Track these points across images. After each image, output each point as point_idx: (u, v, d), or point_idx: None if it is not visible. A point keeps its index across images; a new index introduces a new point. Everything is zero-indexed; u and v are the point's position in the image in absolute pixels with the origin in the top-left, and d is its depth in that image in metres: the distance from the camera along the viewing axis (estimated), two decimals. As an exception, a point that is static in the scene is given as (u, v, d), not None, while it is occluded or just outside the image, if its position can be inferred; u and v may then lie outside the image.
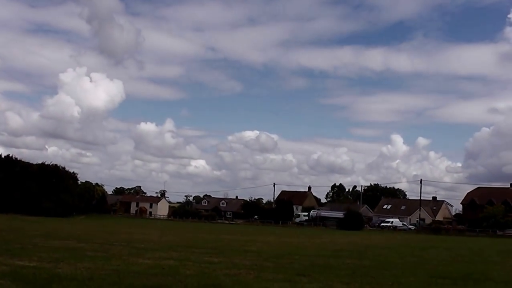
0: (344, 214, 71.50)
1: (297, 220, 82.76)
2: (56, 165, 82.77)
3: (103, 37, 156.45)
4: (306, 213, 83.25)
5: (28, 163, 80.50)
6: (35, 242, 17.78)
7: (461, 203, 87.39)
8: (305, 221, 79.36)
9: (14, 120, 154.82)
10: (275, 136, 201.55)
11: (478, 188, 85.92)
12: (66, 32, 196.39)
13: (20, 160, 79.82)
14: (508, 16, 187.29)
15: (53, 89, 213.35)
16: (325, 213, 79.34)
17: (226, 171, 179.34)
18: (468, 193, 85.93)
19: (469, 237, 57.49)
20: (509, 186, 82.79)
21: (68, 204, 75.70)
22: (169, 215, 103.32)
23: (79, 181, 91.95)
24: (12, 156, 79.71)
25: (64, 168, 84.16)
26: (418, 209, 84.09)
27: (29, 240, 18.67)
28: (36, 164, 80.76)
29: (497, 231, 67.65)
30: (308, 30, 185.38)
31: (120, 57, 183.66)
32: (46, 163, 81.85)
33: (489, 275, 12.83)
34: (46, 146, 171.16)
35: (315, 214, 79.63)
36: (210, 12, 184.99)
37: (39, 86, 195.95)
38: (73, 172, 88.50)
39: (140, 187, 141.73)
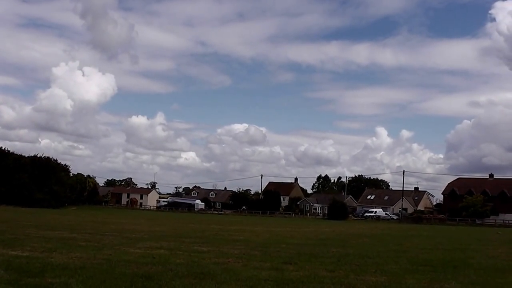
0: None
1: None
2: (48, 157, 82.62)
3: (97, 31, 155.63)
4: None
5: (20, 155, 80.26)
6: (27, 233, 17.79)
7: (442, 193, 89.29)
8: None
9: (7, 113, 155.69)
10: (263, 129, 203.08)
11: (459, 178, 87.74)
12: (58, 27, 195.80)
13: (12, 153, 79.39)
14: (489, 12, 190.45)
15: (46, 83, 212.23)
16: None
17: (216, 163, 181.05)
18: (448, 184, 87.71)
19: (449, 226, 58.92)
20: (488, 177, 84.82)
21: (60, 195, 75.89)
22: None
23: (71, 173, 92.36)
24: (4, 148, 79.44)
25: (56, 160, 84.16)
26: (401, 199, 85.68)
27: (21, 231, 18.65)
28: (28, 157, 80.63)
29: (476, 220, 69.57)
30: (296, 25, 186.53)
31: (113, 52, 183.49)
32: (38, 156, 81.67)
33: (468, 262, 13.28)
34: (39, 139, 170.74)
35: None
36: (200, 7, 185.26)
37: (32, 80, 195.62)
38: (65, 164, 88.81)
39: (131, 178, 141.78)
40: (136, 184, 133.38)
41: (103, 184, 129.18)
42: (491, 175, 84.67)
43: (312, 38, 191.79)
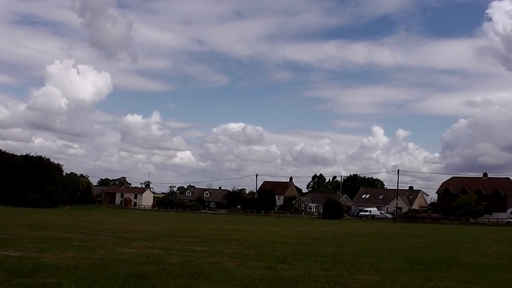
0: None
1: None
2: (40, 156, 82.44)
3: (94, 29, 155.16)
4: None
5: (12, 154, 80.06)
6: (19, 233, 17.68)
7: (436, 192, 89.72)
8: None
9: (0, 111, 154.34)
10: (259, 128, 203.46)
11: (453, 178, 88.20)
12: (54, 24, 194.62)
13: (4, 152, 79.22)
14: (486, 11, 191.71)
15: (40, 81, 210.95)
16: None
17: (211, 162, 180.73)
18: (443, 183, 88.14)
19: (444, 225, 59.28)
20: (482, 176, 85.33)
21: (52, 195, 75.69)
22: (153, 205, 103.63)
23: (64, 172, 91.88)
24: None
25: (48, 159, 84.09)
26: (395, 198, 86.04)
27: (13, 231, 18.54)
28: (21, 156, 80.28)
29: (470, 219, 70.07)
30: (294, 24, 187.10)
31: (111, 50, 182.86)
32: (31, 155, 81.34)
33: (462, 260, 13.37)
34: (33, 138, 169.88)
35: None
36: (198, 6, 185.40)
37: (26, 78, 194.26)
38: (58, 163, 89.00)
39: (125, 178, 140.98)
40: (130, 184, 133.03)
41: (96, 184, 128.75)
42: (485, 174, 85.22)
43: (310, 37, 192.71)
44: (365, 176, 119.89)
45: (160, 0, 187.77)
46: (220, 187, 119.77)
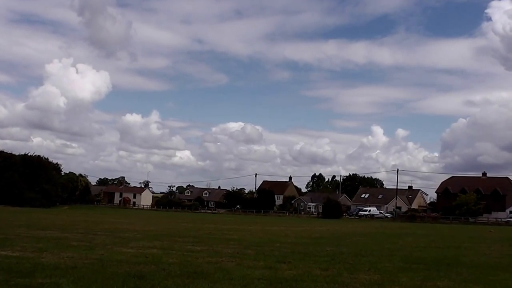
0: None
1: None
2: (39, 156, 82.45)
3: (94, 28, 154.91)
4: None
5: (11, 154, 79.93)
6: (18, 232, 17.64)
7: (435, 192, 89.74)
8: None
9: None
10: (259, 128, 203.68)
11: (452, 177, 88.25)
12: (52, 23, 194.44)
13: (2, 151, 79.13)
14: (485, 11, 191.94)
15: (39, 80, 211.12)
16: None
17: (211, 161, 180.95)
18: (442, 182, 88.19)
19: (443, 224, 59.28)
20: (481, 175, 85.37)
21: (51, 194, 75.67)
22: (152, 205, 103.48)
23: (62, 172, 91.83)
24: None
25: (47, 159, 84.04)
26: (395, 197, 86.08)
27: (12, 230, 18.50)
28: (19, 155, 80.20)
29: (469, 218, 70.13)
30: (294, 23, 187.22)
31: (111, 49, 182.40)
32: (29, 154, 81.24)
33: (461, 260, 13.36)
34: (31, 137, 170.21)
35: None
36: (198, 5, 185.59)
37: (25, 77, 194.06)
38: (56, 163, 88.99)
39: (123, 177, 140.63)
40: (129, 183, 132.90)
41: (95, 183, 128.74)
42: (484, 174, 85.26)
43: (310, 37, 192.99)
44: (364, 176, 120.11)
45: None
46: (219, 187, 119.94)
